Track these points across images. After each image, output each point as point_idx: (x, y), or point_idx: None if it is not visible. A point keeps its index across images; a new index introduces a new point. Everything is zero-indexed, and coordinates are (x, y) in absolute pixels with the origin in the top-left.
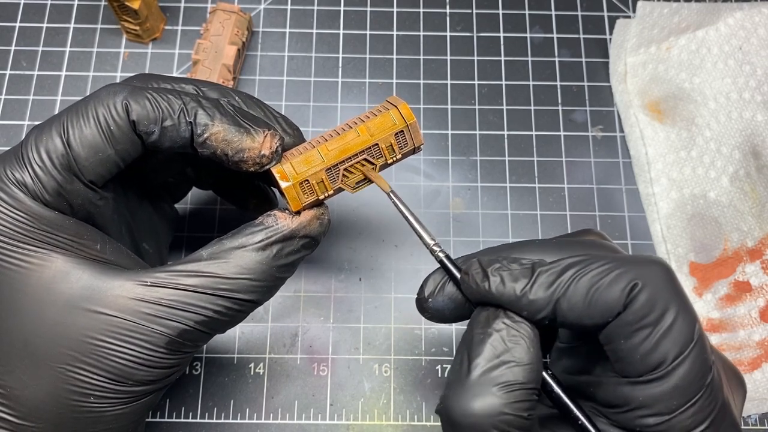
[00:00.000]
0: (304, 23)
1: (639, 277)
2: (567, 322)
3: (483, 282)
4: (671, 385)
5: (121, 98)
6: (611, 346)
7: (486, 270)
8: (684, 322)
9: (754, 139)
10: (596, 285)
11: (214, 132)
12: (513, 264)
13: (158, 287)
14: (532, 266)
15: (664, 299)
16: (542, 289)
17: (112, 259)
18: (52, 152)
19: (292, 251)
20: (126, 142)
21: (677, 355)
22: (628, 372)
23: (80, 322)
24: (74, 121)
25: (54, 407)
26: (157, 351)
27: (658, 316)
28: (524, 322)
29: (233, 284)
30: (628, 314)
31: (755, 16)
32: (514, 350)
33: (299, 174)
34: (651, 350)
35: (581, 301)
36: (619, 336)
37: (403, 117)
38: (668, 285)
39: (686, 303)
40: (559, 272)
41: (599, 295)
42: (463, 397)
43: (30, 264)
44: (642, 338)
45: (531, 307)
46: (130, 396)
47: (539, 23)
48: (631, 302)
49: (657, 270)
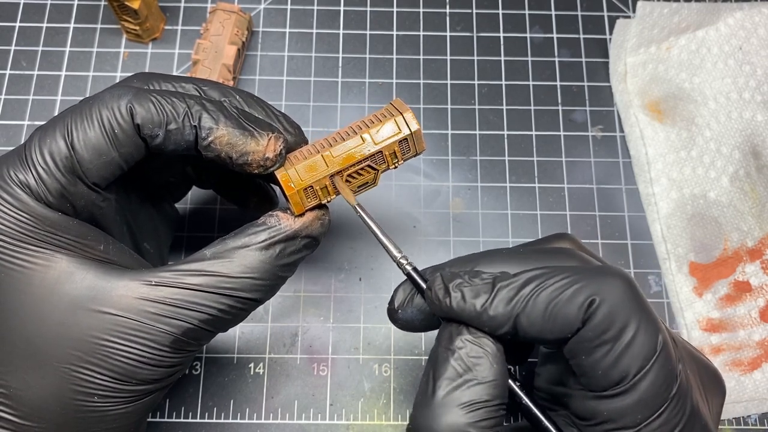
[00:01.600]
0: (304, 23)
1: (597, 293)
2: (528, 337)
3: (445, 298)
4: (635, 399)
5: (125, 101)
6: (575, 361)
7: (447, 285)
8: (645, 335)
9: (754, 139)
10: (555, 300)
11: (219, 135)
12: (475, 278)
13: (163, 286)
14: (492, 281)
15: (624, 314)
16: (502, 304)
17: (116, 259)
18: (56, 155)
19: (294, 251)
20: (130, 145)
21: (639, 369)
22: (593, 386)
23: (85, 322)
24: (78, 124)
25: (57, 407)
26: (162, 350)
27: (617, 331)
28: (486, 338)
29: (237, 283)
30: (587, 330)
31: (755, 16)
32: (476, 368)
33: (303, 180)
34: (612, 365)
35: (540, 317)
36: (580, 351)
37: (408, 125)
38: (628, 298)
39: (648, 314)
40: (518, 287)
41: (557, 310)
42: (429, 416)
43: (34, 264)
44: (603, 354)
45: (492, 322)
46: (134, 395)
47: (539, 23)
48: (590, 318)
49: (616, 284)
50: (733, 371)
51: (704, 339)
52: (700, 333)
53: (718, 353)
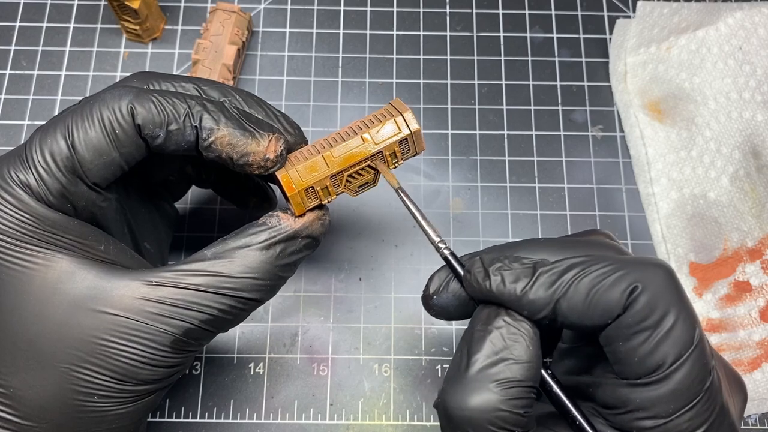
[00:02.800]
0: (304, 23)
1: (640, 280)
2: (567, 322)
3: (484, 281)
4: (669, 389)
5: (126, 102)
6: (610, 347)
7: (487, 269)
8: (684, 325)
9: (754, 139)
10: (597, 286)
11: (220, 136)
12: (515, 263)
13: (163, 286)
14: (533, 266)
15: (665, 302)
16: (543, 289)
17: (116, 259)
18: (57, 155)
19: (294, 251)
20: (131, 145)
21: (676, 359)
22: (627, 374)
23: (86, 321)
24: (79, 124)
25: (58, 407)
26: (162, 350)
27: (657, 319)
28: (524, 321)
29: (238, 283)
30: (627, 317)
31: (755, 16)
32: (513, 348)
33: (304, 181)
34: (649, 353)
35: (581, 302)
36: (618, 338)
37: (407, 125)
38: (669, 288)
39: (687, 307)
40: (560, 272)
41: (599, 296)
42: (461, 392)
43: (35, 264)
44: (641, 341)
45: (531, 306)
46: (134, 395)
47: (539, 23)
48: (631, 305)
49: (659, 272)
50: None
51: None
52: None
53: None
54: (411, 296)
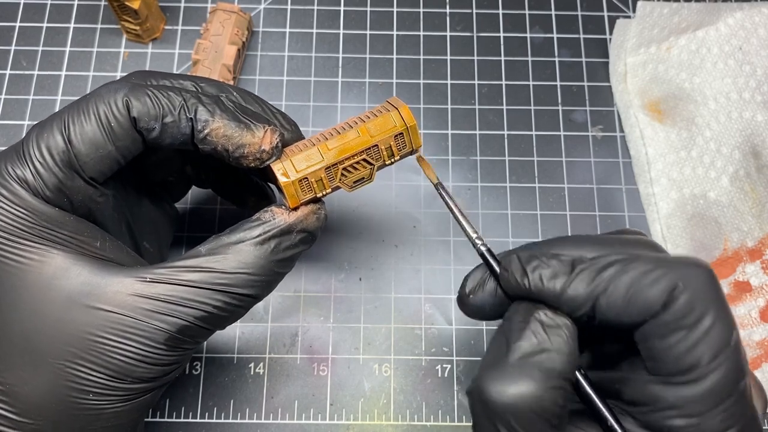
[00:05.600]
0: (304, 23)
1: (681, 279)
2: (606, 319)
3: (523, 278)
4: (704, 388)
5: (121, 95)
6: (646, 344)
7: (525, 266)
8: (722, 326)
9: (754, 139)
10: (637, 284)
11: (215, 128)
12: (552, 260)
13: (157, 283)
14: (572, 262)
15: (704, 302)
16: (582, 285)
17: (112, 256)
18: (53, 149)
19: (290, 246)
20: (127, 138)
21: (712, 359)
22: (661, 371)
23: (80, 318)
24: (75, 118)
25: (53, 404)
26: (157, 347)
27: (696, 318)
28: (564, 316)
29: (232, 279)
30: (666, 314)
31: (755, 16)
32: (554, 340)
33: (299, 172)
34: (686, 351)
35: (621, 299)
36: (655, 335)
37: (403, 119)
38: (710, 288)
39: (726, 308)
40: (599, 269)
41: (639, 293)
42: (501, 378)
43: (30, 260)
44: (678, 339)
45: (571, 303)
46: (130, 393)
47: (539, 23)
48: (671, 303)
49: (700, 273)
50: None
51: None
52: None
53: None
54: (411, 296)
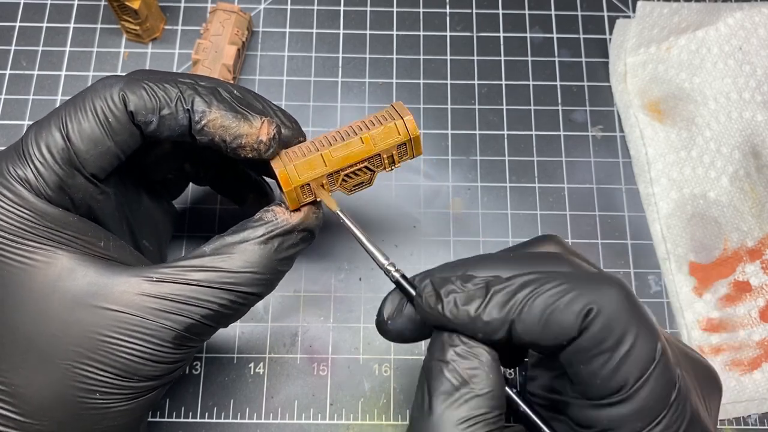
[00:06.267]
0: (304, 23)
1: (594, 302)
2: (523, 342)
3: (436, 305)
4: (635, 408)
5: (117, 90)
6: (572, 369)
7: (438, 291)
8: (644, 343)
9: (754, 139)
10: (551, 307)
11: (212, 118)
12: (467, 283)
13: (165, 282)
14: (485, 285)
15: (622, 323)
16: (496, 309)
17: (116, 255)
18: (53, 147)
19: (291, 244)
20: (125, 133)
21: (638, 378)
22: (591, 395)
23: (87, 318)
24: (72, 115)
25: (59, 404)
26: (164, 345)
27: (616, 341)
28: (480, 347)
29: (238, 278)
30: (584, 340)
31: (755, 16)
32: (473, 380)
33: (301, 178)
34: (611, 375)
35: (536, 323)
36: (578, 361)
37: (408, 130)
38: (625, 307)
39: (646, 322)
40: (513, 291)
41: (554, 318)
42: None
43: (35, 261)
44: (601, 363)
45: (486, 328)
46: (135, 392)
47: (539, 23)
48: (587, 327)
49: (613, 293)
50: (733, 371)
51: (704, 339)
52: (700, 333)
53: (718, 353)
54: None
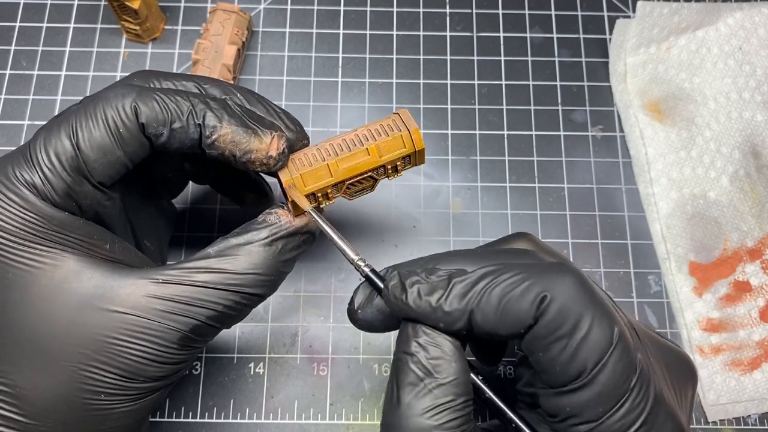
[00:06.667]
0: (304, 23)
1: (548, 289)
2: (483, 332)
3: (401, 295)
4: (595, 392)
5: (130, 101)
6: (533, 357)
7: (404, 282)
8: (600, 328)
9: (754, 139)
10: (507, 296)
11: (223, 134)
12: (431, 276)
13: (170, 284)
14: (448, 277)
15: (576, 309)
16: (457, 300)
17: (122, 257)
18: (62, 154)
19: (294, 246)
20: (135, 144)
21: (596, 363)
22: (552, 382)
23: (93, 320)
24: (83, 123)
25: (64, 406)
26: (169, 347)
27: (571, 327)
28: (442, 336)
29: (243, 279)
30: (540, 328)
31: (755, 16)
32: (436, 369)
33: (306, 188)
34: (569, 361)
35: (493, 313)
36: (537, 349)
37: (413, 143)
38: (579, 293)
39: (602, 307)
40: (473, 282)
41: (510, 306)
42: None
43: (42, 264)
44: (558, 350)
45: (446, 318)
46: (140, 392)
47: (539, 23)
48: (542, 315)
49: (566, 280)
50: (733, 371)
51: (704, 339)
52: (700, 333)
53: (718, 353)
54: None
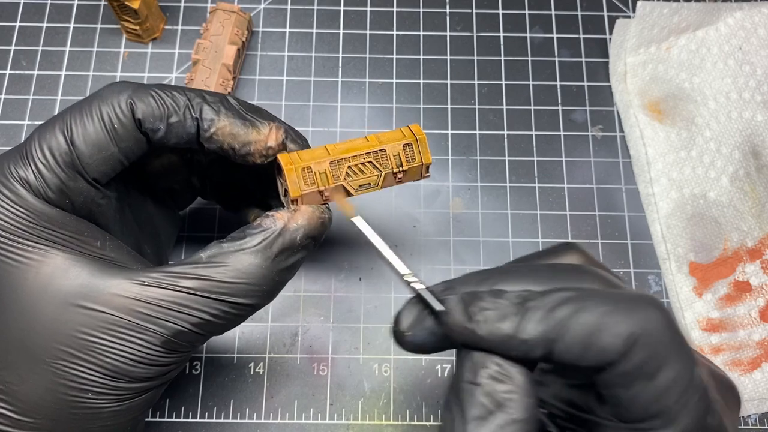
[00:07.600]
0: (304, 23)
1: (638, 327)
2: (562, 362)
3: (467, 322)
4: None
5: (125, 97)
6: (609, 391)
7: (469, 308)
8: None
9: (754, 139)
10: (594, 328)
11: (221, 126)
12: (499, 299)
13: (155, 287)
14: (519, 300)
15: (664, 348)
16: (533, 327)
17: (113, 256)
18: (56, 150)
19: (291, 253)
20: (130, 139)
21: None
22: (628, 418)
23: (76, 318)
24: (78, 120)
25: (52, 403)
26: (154, 349)
27: (657, 366)
28: (515, 367)
29: (232, 288)
30: (626, 365)
31: (755, 16)
32: (508, 404)
33: (303, 160)
34: (652, 400)
35: (578, 345)
36: (618, 384)
37: (413, 132)
38: (667, 332)
39: (684, 347)
40: (551, 308)
41: (596, 340)
42: None
43: (29, 260)
44: (641, 388)
45: (523, 347)
46: (128, 393)
47: (539, 23)
48: (629, 352)
49: (656, 317)
50: (733, 371)
51: (704, 339)
52: (700, 333)
53: (718, 353)
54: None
